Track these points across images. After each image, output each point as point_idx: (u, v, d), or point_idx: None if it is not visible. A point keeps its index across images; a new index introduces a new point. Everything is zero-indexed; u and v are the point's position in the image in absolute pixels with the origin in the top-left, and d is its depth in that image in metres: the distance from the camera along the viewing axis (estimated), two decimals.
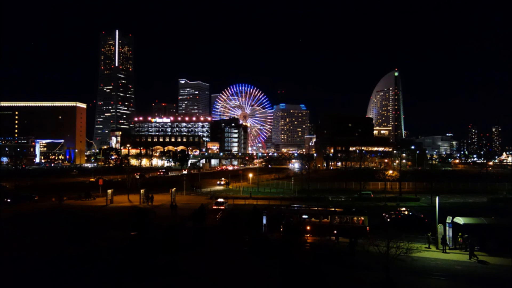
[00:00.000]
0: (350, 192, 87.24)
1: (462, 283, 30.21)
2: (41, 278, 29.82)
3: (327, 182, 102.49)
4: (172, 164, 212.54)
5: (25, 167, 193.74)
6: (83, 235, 38.44)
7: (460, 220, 40.49)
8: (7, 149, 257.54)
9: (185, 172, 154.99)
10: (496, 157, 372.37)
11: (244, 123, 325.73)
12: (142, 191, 73.20)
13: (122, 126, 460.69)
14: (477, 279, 31.10)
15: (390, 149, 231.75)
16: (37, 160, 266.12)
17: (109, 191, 71.76)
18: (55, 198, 71.98)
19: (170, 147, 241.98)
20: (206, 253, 36.85)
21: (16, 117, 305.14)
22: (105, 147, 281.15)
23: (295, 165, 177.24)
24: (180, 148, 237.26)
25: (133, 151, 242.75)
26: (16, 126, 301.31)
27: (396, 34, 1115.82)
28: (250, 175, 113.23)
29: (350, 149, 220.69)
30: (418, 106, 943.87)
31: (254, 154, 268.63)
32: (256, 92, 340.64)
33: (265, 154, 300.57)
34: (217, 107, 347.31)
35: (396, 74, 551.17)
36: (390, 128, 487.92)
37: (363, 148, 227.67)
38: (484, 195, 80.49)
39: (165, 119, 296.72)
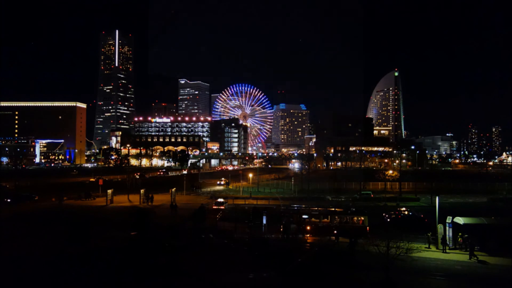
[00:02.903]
0: (350, 192, 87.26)
1: (462, 283, 30.21)
2: (41, 278, 29.83)
3: (327, 182, 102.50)
4: (172, 164, 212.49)
5: (25, 167, 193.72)
6: (83, 235, 38.47)
7: (460, 220, 40.50)
8: (7, 149, 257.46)
9: (185, 172, 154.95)
10: (496, 157, 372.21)
11: (244, 123, 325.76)
12: (142, 191, 73.18)
13: (122, 126, 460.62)
14: (477, 279, 31.11)
15: (390, 149, 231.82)
16: (37, 160, 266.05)
17: (109, 191, 71.71)
18: (55, 198, 71.97)
19: (170, 147, 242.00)
20: (206, 253, 36.87)
21: (16, 117, 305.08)
22: (105, 147, 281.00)
23: (295, 165, 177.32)
24: (180, 148, 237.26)
25: (133, 151, 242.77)
26: (16, 126, 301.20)
27: (396, 34, 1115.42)
28: (250, 175, 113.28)
29: (350, 149, 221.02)
30: (418, 106, 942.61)
31: (254, 154, 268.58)
32: (256, 92, 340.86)
33: (265, 154, 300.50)
34: (217, 107, 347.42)
35: (396, 74, 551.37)
36: (390, 128, 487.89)
37: (363, 148, 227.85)
38: (484, 195, 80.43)
39: (165, 119, 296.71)
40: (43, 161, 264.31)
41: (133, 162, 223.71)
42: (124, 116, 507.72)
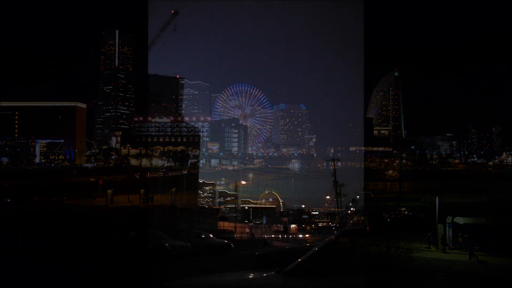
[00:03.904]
0: (350, 192, 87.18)
1: (462, 283, 30.19)
2: (41, 278, 29.80)
3: (327, 181, 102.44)
4: (172, 164, 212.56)
5: (25, 167, 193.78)
6: (83, 235, 38.45)
7: (460, 220, 40.50)
8: (7, 149, 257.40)
9: (185, 172, 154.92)
10: (496, 157, 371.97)
11: (244, 123, 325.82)
12: (142, 191, 73.21)
13: (122, 126, 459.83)
14: (477, 279, 31.07)
15: (390, 149, 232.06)
16: (37, 160, 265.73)
17: (109, 191, 71.59)
18: (55, 198, 71.94)
19: (170, 147, 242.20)
20: (206, 253, 36.86)
21: (16, 117, 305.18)
22: (105, 147, 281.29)
23: (295, 165, 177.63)
24: (180, 148, 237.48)
25: (133, 151, 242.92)
26: (16, 126, 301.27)
27: (396, 33, 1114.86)
28: (250, 175, 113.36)
29: (350, 149, 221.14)
30: (418, 106, 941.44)
31: (254, 154, 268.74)
32: (256, 92, 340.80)
33: (265, 154, 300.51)
34: (217, 107, 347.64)
35: (396, 74, 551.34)
36: (390, 128, 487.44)
37: (363, 148, 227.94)
38: (484, 195, 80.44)
39: (165, 119, 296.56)
40: (43, 161, 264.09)
41: (133, 162, 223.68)
42: (124, 116, 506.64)
